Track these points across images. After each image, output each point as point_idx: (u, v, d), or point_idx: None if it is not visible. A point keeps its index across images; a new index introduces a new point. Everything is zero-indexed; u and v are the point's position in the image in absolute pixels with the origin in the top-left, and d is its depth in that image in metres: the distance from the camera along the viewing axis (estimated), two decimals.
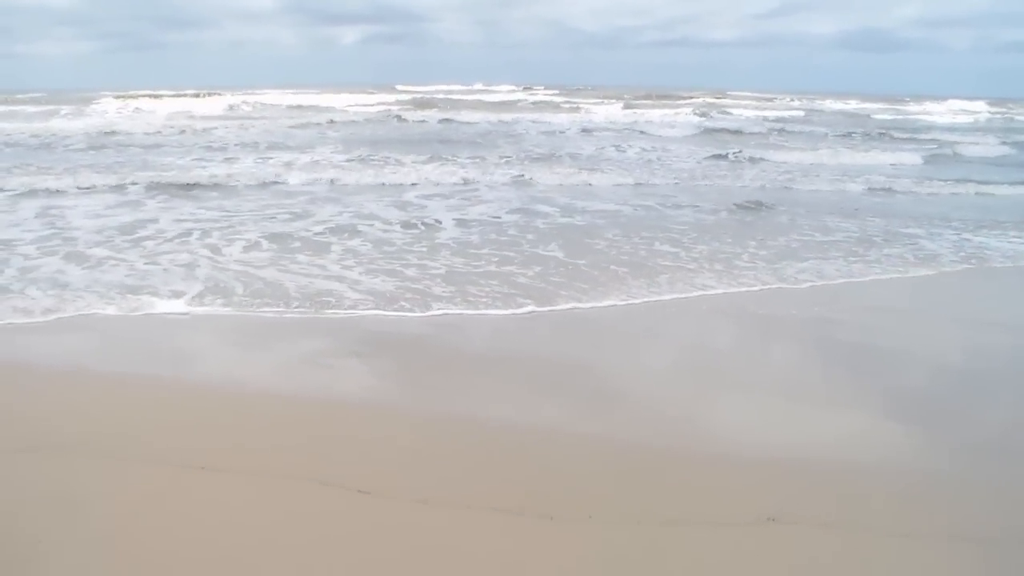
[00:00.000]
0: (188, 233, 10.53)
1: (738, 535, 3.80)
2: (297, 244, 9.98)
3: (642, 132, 29.42)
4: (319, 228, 11.05)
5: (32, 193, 13.62)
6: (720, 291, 8.25)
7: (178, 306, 7.32)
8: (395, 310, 7.31)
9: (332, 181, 15.42)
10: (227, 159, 19.03)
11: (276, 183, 15.12)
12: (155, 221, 11.40)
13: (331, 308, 7.36)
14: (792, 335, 7.08)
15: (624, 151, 22.93)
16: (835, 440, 5.00)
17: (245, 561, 3.50)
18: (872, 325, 7.42)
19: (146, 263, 8.89)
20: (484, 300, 7.65)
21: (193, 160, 18.84)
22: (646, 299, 7.87)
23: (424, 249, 9.85)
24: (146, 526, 3.76)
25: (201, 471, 4.26)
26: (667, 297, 7.97)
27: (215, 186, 14.63)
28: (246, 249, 9.63)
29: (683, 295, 8.08)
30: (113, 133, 25.02)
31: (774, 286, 8.52)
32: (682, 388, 5.95)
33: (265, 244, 9.90)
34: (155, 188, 14.18)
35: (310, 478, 4.18)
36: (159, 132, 25.77)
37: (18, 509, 3.89)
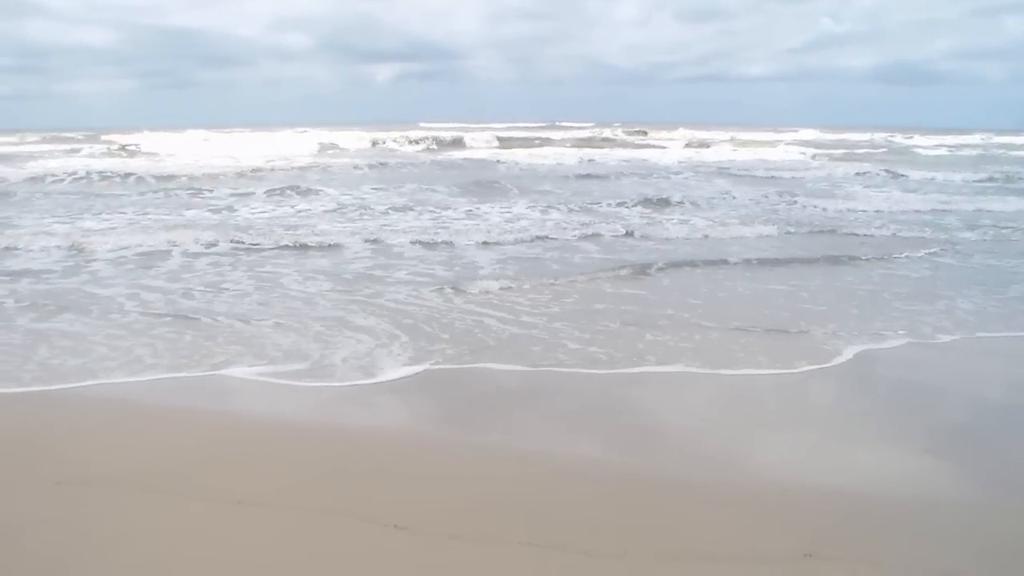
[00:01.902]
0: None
1: (775, 571, 3.77)
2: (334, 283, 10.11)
3: (721, 170, 28.96)
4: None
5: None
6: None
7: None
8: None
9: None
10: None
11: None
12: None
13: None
14: (830, 370, 7.00)
15: (731, 195, 21.17)
16: (874, 476, 4.95)
17: None
18: (913, 359, 7.35)
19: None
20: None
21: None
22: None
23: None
24: (183, 560, 3.78)
25: (238, 506, 4.29)
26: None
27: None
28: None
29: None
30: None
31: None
32: (718, 423, 5.93)
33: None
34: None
35: (346, 513, 4.20)
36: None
37: (58, 541, 3.92)
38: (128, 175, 23.71)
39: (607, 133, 51.21)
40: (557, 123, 70.43)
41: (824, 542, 4.02)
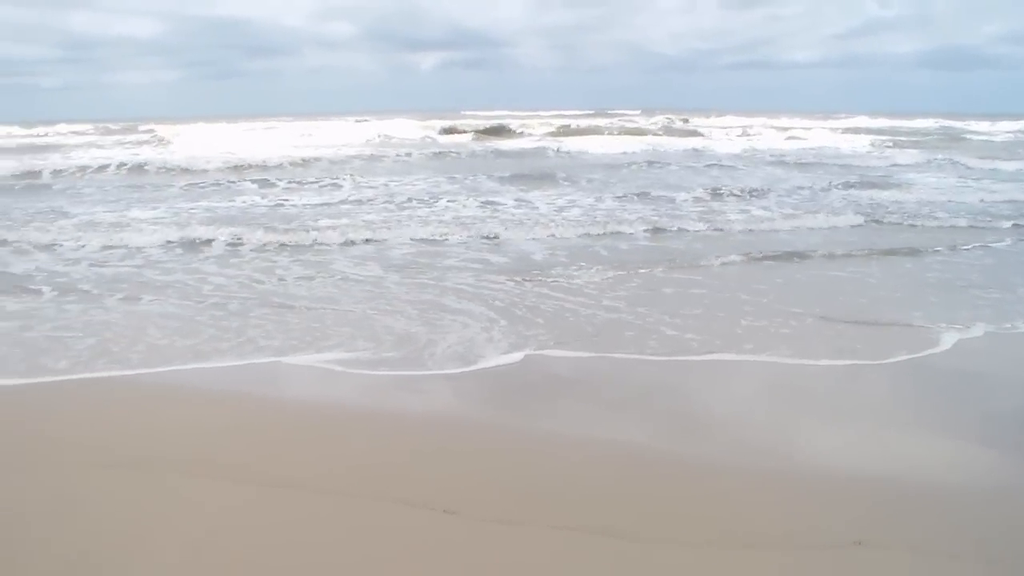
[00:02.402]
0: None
1: (823, 558, 3.78)
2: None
3: (779, 159, 28.09)
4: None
5: None
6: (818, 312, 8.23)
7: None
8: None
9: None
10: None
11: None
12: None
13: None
14: (883, 358, 6.93)
15: (795, 184, 20.36)
16: (926, 464, 4.93)
17: None
18: (965, 348, 7.24)
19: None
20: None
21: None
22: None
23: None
24: (230, 543, 3.83)
25: (286, 489, 4.34)
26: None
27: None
28: None
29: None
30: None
31: None
32: (759, 411, 5.92)
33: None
34: None
35: (395, 498, 4.24)
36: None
37: (104, 524, 3.99)
38: (172, 168, 23.48)
39: (658, 121, 50.06)
40: (607, 111, 69.51)
41: (874, 530, 4.00)
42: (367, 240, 12.32)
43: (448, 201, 16.58)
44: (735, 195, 17.95)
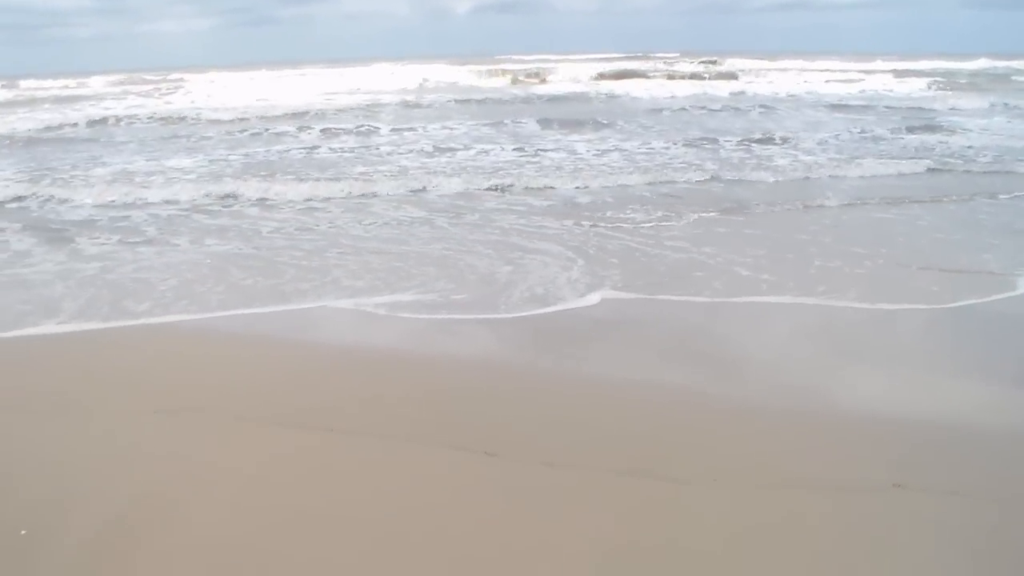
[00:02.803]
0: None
1: (863, 500, 3.79)
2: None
3: (837, 104, 25.86)
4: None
5: None
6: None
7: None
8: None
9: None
10: None
11: None
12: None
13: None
14: (922, 302, 6.85)
15: (857, 129, 19.17)
16: (965, 407, 4.89)
17: (373, 522, 3.61)
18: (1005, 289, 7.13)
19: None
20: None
21: None
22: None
23: None
24: (275, 485, 3.92)
25: (329, 433, 4.42)
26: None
27: None
28: None
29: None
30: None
31: None
32: (801, 353, 5.90)
33: None
34: None
35: (437, 441, 4.31)
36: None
37: (153, 469, 4.08)
38: (213, 118, 23.08)
39: (700, 64, 48.39)
40: (647, 54, 67.87)
41: (913, 473, 4.00)
42: (422, 189, 12.15)
43: (514, 150, 15.97)
44: (789, 140, 17.21)
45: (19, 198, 11.80)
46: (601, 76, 40.11)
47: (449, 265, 7.89)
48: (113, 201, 11.57)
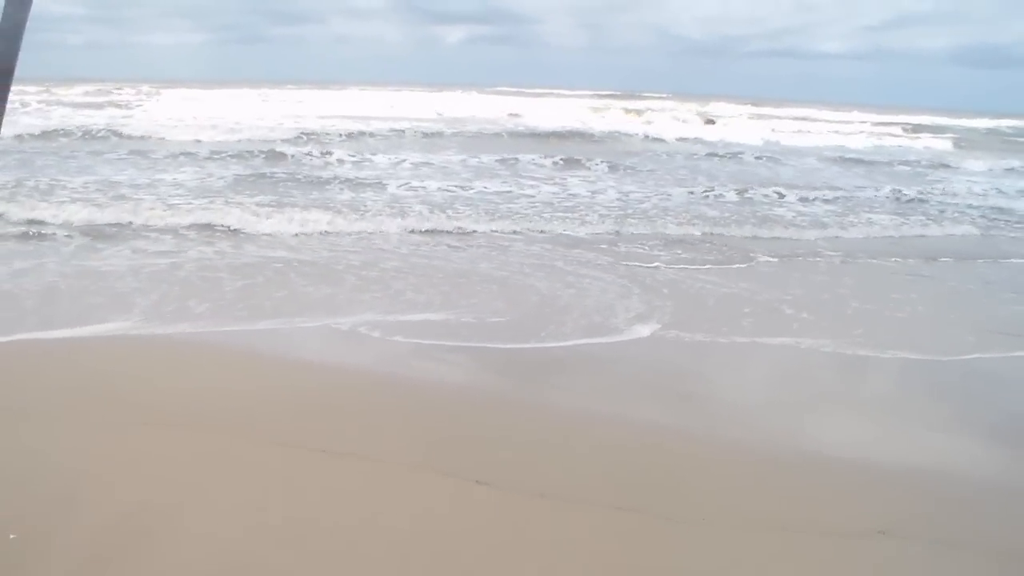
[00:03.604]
0: None
1: (848, 546, 3.84)
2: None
3: (855, 160, 24.37)
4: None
5: None
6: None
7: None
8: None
9: None
10: None
11: None
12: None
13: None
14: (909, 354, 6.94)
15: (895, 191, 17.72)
16: (951, 458, 4.99)
17: (360, 545, 3.61)
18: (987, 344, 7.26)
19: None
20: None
21: None
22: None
23: None
24: (263, 504, 3.90)
25: (322, 454, 4.41)
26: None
27: None
28: None
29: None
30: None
31: None
32: (797, 397, 6.01)
33: None
34: None
35: (429, 467, 4.32)
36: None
37: (142, 482, 4.04)
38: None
39: (705, 108, 47.07)
40: (635, 93, 67.96)
41: (898, 520, 4.06)
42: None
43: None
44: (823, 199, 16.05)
45: None
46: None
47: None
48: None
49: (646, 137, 27.78)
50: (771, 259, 10.41)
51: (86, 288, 7.53)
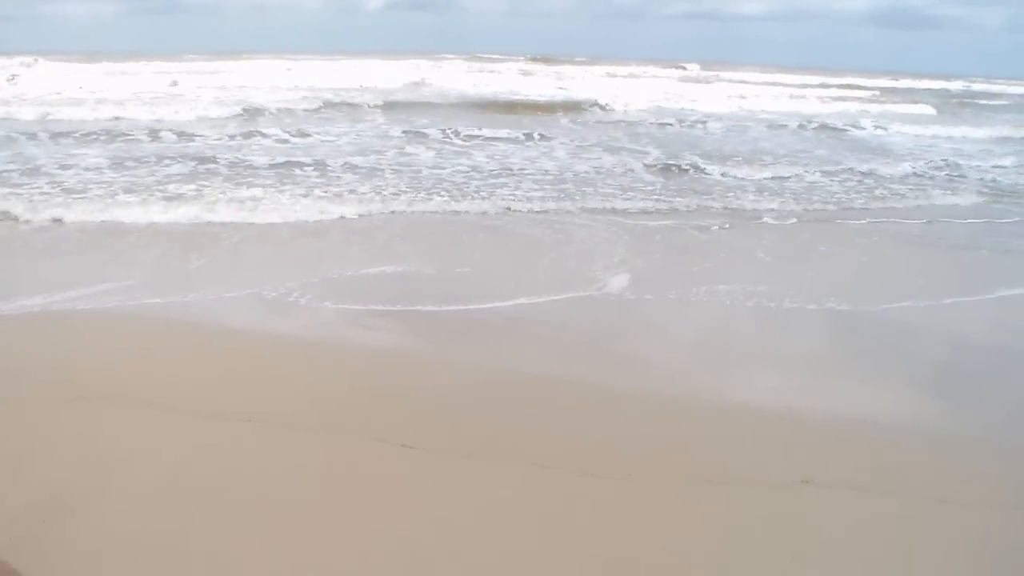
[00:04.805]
0: None
1: (772, 496, 3.89)
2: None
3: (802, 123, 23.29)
4: None
5: None
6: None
7: None
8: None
9: None
10: None
11: None
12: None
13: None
14: (829, 305, 7.05)
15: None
16: (870, 406, 5.06)
17: (291, 514, 3.58)
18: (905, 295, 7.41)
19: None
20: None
21: None
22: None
23: None
24: (191, 477, 3.83)
25: (248, 424, 4.34)
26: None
27: None
28: None
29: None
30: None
31: None
32: (722, 352, 6.04)
33: None
34: None
35: (357, 432, 4.29)
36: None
37: (66, 458, 3.95)
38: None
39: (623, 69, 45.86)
40: (554, 57, 67.17)
41: (820, 469, 4.12)
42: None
43: None
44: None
45: None
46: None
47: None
48: None
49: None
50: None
51: None
